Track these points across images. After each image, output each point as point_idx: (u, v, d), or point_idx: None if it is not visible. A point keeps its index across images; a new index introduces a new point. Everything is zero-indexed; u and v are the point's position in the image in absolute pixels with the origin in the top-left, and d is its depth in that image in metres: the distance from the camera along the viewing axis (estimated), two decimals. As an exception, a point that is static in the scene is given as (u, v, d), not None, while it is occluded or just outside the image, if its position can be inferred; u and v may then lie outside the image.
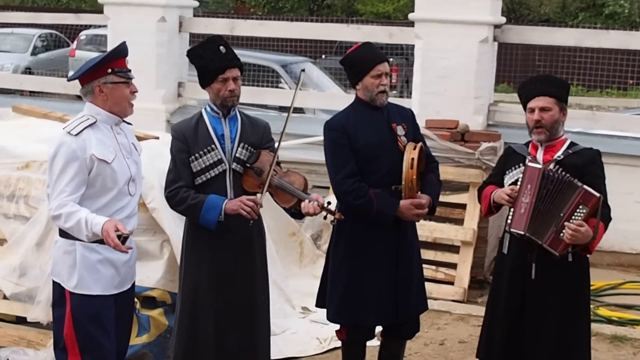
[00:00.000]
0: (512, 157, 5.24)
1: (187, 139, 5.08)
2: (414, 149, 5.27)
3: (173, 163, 5.12)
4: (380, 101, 5.33)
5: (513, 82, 19.48)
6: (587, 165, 5.03)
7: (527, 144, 5.23)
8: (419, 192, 5.35)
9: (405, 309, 5.40)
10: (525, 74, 18.85)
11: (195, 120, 5.15)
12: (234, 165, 5.12)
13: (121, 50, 4.70)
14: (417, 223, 5.53)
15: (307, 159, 8.89)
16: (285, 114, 10.13)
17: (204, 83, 5.13)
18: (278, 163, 5.16)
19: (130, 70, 4.71)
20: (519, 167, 5.11)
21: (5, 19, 13.57)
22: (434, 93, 8.67)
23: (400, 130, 5.34)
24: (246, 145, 5.15)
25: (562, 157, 5.07)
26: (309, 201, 5.02)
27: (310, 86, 12.40)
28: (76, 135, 4.52)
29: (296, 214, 5.28)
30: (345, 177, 5.26)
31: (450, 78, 8.63)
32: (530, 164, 5.03)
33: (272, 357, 6.22)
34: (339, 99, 11.13)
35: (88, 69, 4.62)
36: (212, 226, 5.00)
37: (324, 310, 7.16)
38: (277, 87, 11.75)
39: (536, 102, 5.07)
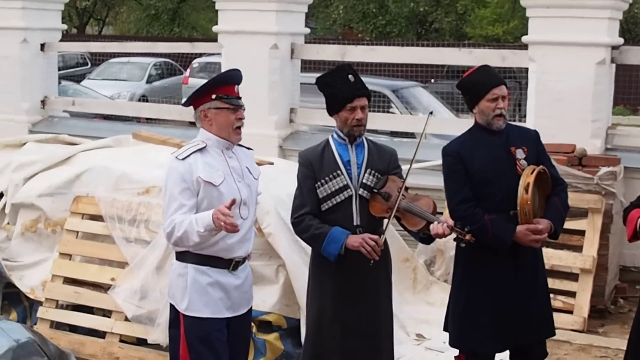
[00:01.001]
0: None
1: (313, 165, 5.10)
2: (532, 172, 5.17)
3: (299, 189, 5.14)
4: (496, 125, 5.26)
5: (630, 104, 19.03)
6: None
7: None
8: (540, 217, 5.25)
9: (525, 335, 5.31)
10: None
11: (321, 147, 5.18)
12: (360, 191, 5.11)
13: (226, 77, 4.81)
14: None
15: (418, 184, 8.83)
16: (397, 139, 10.27)
17: (332, 110, 5.13)
18: (406, 188, 5.14)
19: (239, 98, 4.80)
20: None
21: (123, 49, 13.99)
22: (549, 117, 8.53)
23: (519, 154, 5.25)
24: (373, 171, 5.13)
25: None
26: (438, 222, 4.99)
27: (420, 110, 12.38)
28: (182, 159, 4.66)
29: (424, 238, 5.23)
30: (460, 202, 5.24)
31: (566, 101, 8.48)
32: None
33: (387, 384, 6.25)
34: (450, 123, 11.11)
35: (194, 94, 4.79)
36: (332, 259, 5.00)
37: (439, 338, 7.17)
38: (387, 112, 11.76)
39: None
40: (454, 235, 5.06)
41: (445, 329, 5.62)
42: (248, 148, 5.00)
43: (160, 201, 6.61)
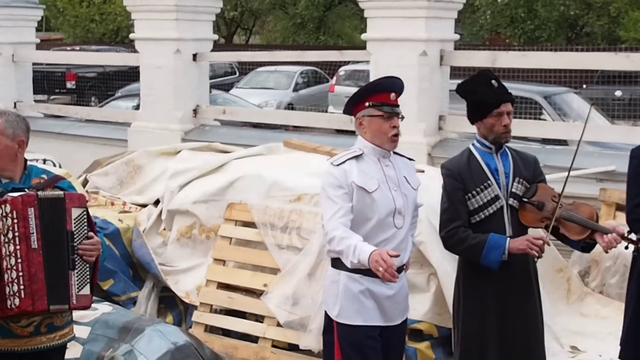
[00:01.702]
0: None
1: (462, 176, 4.99)
2: None
3: (449, 202, 5.01)
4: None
5: None
6: None
7: None
8: None
9: None
10: None
11: (466, 157, 5.07)
12: (510, 201, 5.02)
13: (380, 85, 4.82)
14: None
15: (571, 192, 8.63)
16: (549, 147, 10.05)
17: (476, 117, 5.05)
18: (559, 196, 5.03)
19: (392, 105, 4.79)
20: None
21: (272, 58, 14.23)
22: None
23: None
24: (521, 180, 5.05)
25: None
26: (608, 232, 4.87)
27: (572, 117, 12.09)
28: (337, 165, 4.69)
29: (585, 247, 5.12)
30: (636, 205, 5.16)
31: None
32: None
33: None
34: (606, 129, 10.80)
35: (350, 102, 4.82)
36: (495, 266, 4.89)
37: (594, 350, 6.98)
38: (539, 118, 11.53)
39: None
40: (624, 243, 4.93)
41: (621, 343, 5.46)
42: (409, 159, 4.97)
43: (312, 208, 6.71)
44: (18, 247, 3.99)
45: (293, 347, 6.50)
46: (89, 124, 13.47)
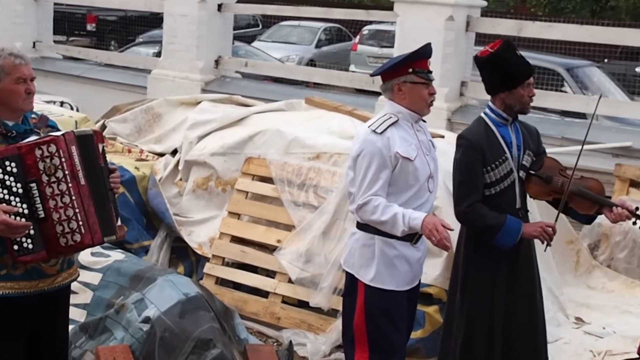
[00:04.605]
0: None
1: (484, 150, 4.94)
2: None
3: (468, 174, 4.96)
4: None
5: None
6: None
7: None
8: None
9: None
10: None
11: (483, 129, 5.02)
12: (520, 173, 5.03)
13: (424, 52, 4.76)
14: None
15: (588, 166, 8.65)
16: (568, 119, 10.05)
17: (505, 88, 4.97)
18: (566, 169, 5.07)
19: (430, 72, 4.77)
20: None
21: (298, 13, 14.14)
22: None
23: None
24: (529, 152, 5.06)
25: None
26: (617, 208, 4.92)
27: (593, 91, 12.04)
28: (381, 133, 4.61)
29: (588, 219, 5.17)
30: None
31: None
32: None
33: (545, 366, 6.19)
34: (626, 105, 10.77)
35: (390, 67, 4.72)
36: (505, 249, 4.94)
37: (598, 322, 7.04)
38: (560, 90, 11.49)
39: None
40: (633, 219, 4.98)
41: None
42: (423, 120, 4.98)
43: (330, 167, 6.73)
44: (70, 184, 4.05)
45: (303, 304, 6.54)
46: (108, 68, 13.45)
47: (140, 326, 5.42)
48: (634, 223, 5.03)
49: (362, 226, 4.74)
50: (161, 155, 7.87)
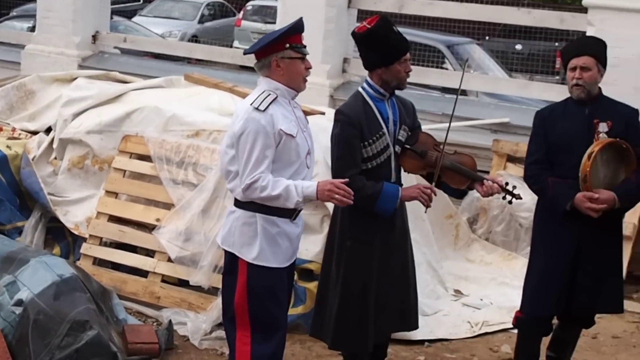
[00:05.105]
0: None
1: (362, 125, 4.98)
2: (602, 143, 5.14)
3: (346, 149, 4.99)
4: (574, 94, 5.27)
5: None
6: None
7: None
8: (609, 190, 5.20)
9: (582, 305, 5.33)
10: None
11: (361, 104, 5.05)
12: (396, 148, 5.10)
13: (299, 26, 4.72)
14: None
15: (467, 142, 8.82)
16: (449, 95, 10.19)
17: (382, 64, 5.01)
18: (441, 144, 5.14)
19: (305, 46, 4.74)
20: None
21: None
22: (604, 83, 8.38)
23: (602, 127, 5.22)
24: (404, 127, 5.13)
25: None
26: (487, 181, 5.05)
27: (474, 68, 12.26)
28: (264, 110, 4.57)
29: (461, 194, 5.28)
30: (531, 163, 5.35)
31: (622, 68, 8.33)
32: None
33: (423, 337, 6.31)
34: (503, 82, 11.00)
35: (267, 43, 4.65)
36: (388, 214, 4.99)
37: (477, 295, 7.19)
38: (441, 67, 11.65)
39: None
40: (503, 193, 5.13)
41: None
42: None
43: (210, 145, 6.66)
44: None
45: (183, 283, 6.49)
46: (-21, 43, 12.97)
47: (12, 309, 5.28)
48: (504, 198, 5.18)
49: (242, 204, 4.69)
50: (34, 133, 7.65)
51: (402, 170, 5.21)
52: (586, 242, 5.25)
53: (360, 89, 5.14)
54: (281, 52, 4.64)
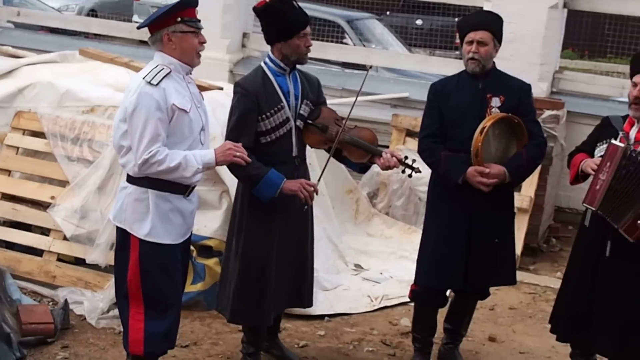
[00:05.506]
0: (606, 128, 5.17)
1: (258, 98, 5.04)
2: (494, 118, 5.21)
3: (239, 122, 5.05)
4: (469, 68, 5.32)
5: (579, 48, 19.14)
6: None
7: (625, 117, 5.13)
8: (500, 164, 5.29)
9: (475, 278, 5.41)
10: (593, 42, 18.45)
11: (260, 78, 5.11)
12: (297, 123, 5.16)
13: (191, 0, 4.70)
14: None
15: (367, 117, 8.86)
16: (348, 70, 10.22)
17: (281, 38, 5.06)
18: (343, 119, 5.20)
19: (199, 21, 4.70)
20: (610, 140, 5.01)
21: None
22: (499, 58, 8.44)
23: (495, 102, 5.30)
24: (307, 102, 5.20)
25: None
26: (386, 154, 5.12)
27: (373, 42, 12.31)
28: (156, 85, 4.52)
29: (362, 168, 5.34)
30: (425, 136, 5.40)
31: (517, 43, 8.48)
32: (613, 141, 4.94)
33: (323, 312, 6.35)
34: (403, 57, 11.08)
35: (158, 17, 4.61)
36: (265, 200, 5.04)
37: (377, 269, 7.27)
38: (341, 42, 11.67)
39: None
40: (402, 167, 5.21)
41: None
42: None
43: (105, 121, 6.56)
44: None
45: (79, 262, 6.40)
46: None
47: None
48: (403, 171, 5.26)
49: (134, 180, 4.66)
50: None
51: (308, 146, 5.29)
52: (478, 216, 5.34)
53: (262, 63, 5.19)
54: (172, 26, 4.61)
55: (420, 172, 5.25)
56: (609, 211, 4.92)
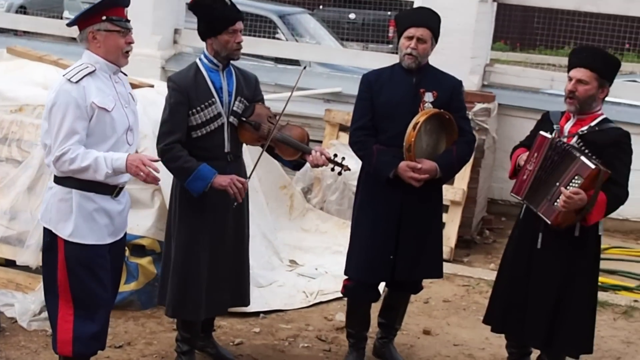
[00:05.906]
0: (545, 123, 5.25)
1: (189, 92, 5.09)
2: (427, 114, 5.26)
3: (170, 115, 5.11)
4: (405, 63, 5.35)
5: (510, 40, 19.39)
6: (608, 145, 4.98)
7: (564, 113, 5.22)
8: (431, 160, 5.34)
9: (403, 271, 5.45)
10: (523, 35, 18.70)
11: (193, 73, 5.17)
12: (231, 119, 5.20)
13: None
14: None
15: (301, 112, 8.89)
16: (281, 66, 10.22)
17: (210, 34, 5.12)
18: (275, 116, 5.23)
19: (128, 21, 4.67)
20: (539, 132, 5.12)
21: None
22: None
23: (428, 97, 5.35)
24: (242, 99, 5.24)
25: (585, 131, 5.05)
26: (316, 152, 5.16)
27: (306, 37, 12.32)
28: (76, 82, 4.49)
29: (296, 165, 5.36)
30: (356, 129, 5.42)
31: (448, 37, 8.49)
32: (541, 132, 5.07)
33: (258, 309, 6.35)
34: (336, 52, 11.11)
35: (83, 14, 4.60)
36: (196, 194, 5.09)
37: (312, 264, 7.30)
38: (273, 37, 11.66)
39: (575, 73, 5.07)
40: (331, 165, 5.25)
41: None
42: (124, 73, 4.88)
43: (34, 120, 6.46)
44: None
45: (10, 263, 6.33)
46: None
47: None
48: (332, 169, 5.29)
49: (59, 180, 4.63)
50: None
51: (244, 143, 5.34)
52: (408, 210, 5.39)
53: (197, 59, 5.24)
54: (97, 24, 4.58)
55: (349, 169, 5.29)
56: (531, 199, 5.05)
